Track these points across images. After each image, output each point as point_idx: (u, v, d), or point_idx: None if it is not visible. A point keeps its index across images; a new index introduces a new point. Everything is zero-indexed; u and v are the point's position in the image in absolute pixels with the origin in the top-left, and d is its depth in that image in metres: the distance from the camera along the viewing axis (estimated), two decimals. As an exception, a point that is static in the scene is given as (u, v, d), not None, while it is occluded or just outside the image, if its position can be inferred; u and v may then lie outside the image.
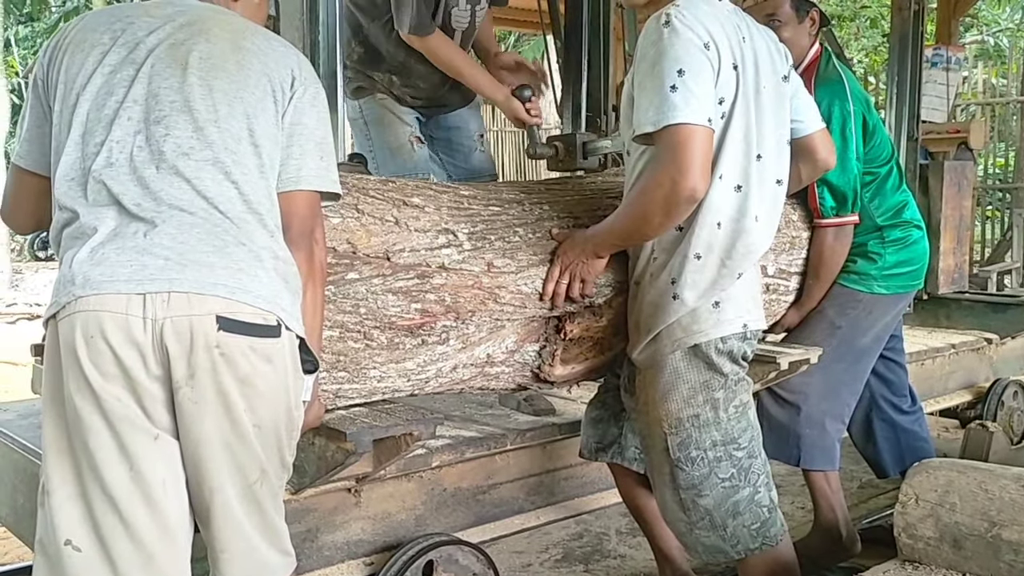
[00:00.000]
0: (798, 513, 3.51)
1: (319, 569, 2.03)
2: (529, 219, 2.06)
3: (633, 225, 1.92)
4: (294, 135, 1.58)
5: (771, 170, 2.01)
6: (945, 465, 1.59)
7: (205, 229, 1.44)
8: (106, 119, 1.47)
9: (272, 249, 1.49)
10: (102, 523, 1.40)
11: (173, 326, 1.38)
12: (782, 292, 2.66)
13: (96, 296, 1.37)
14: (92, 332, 1.37)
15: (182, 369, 1.39)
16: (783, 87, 2.08)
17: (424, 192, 1.96)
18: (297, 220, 1.57)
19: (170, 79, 1.49)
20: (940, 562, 1.50)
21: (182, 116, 1.47)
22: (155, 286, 1.38)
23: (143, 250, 1.40)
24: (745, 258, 1.96)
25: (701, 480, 1.99)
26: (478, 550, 2.16)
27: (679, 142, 1.78)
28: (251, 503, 1.48)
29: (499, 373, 2.08)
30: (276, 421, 1.48)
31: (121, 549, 1.41)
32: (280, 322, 1.46)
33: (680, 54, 1.80)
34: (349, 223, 1.77)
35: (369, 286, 1.78)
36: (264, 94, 1.54)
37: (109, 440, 1.39)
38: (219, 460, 1.43)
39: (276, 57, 1.58)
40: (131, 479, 1.40)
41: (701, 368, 1.97)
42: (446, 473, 2.24)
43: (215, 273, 1.41)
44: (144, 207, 1.43)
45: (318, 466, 1.84)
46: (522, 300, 2.00)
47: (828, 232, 2.61)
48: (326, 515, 2.04)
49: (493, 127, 13.27)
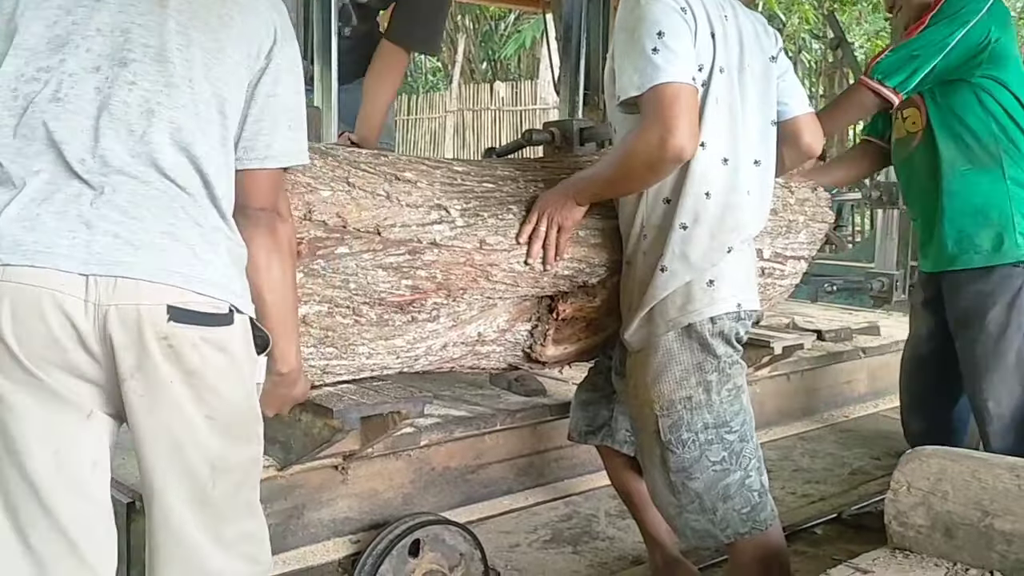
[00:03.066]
0: (788, 498, 3.52)
1: (305, 546, 2.00)
2: (524, 196, 2.02)
3: (615, 177, 1.92)
4: (267, 107, 1.45)
5: (752, 149, 2.00)
6: (938, 453, 1.57)
7: (160, 204, 1.32)
8: (57, 41, 1.31)
9: (224, 231, 1.39)
10: (21, 511, 1.31)
11: (119, 314, 1.27)
12: (777, 276, 2.64)
13: (30, 268, 1.24)
14: (23, 308, 1.24)
15: (128, 360, 1.29)
16: (771, 68, 2.06)
17: (417, 167, 1.93)
18: (260, 195, 1.46)
19: (147, 15, 1.33)
20: (931, 551, 1.48)
21: (154, 66, 1.32)
22: (102, 268, 1.26)
23: (88, 222, 1.27)
24: (734, 232, 1.94)
25: (692, 463, 1.98)
26: (465, 530, 2.14)
27: (665, 101, 1.77)
28: (202, 506, 1.38)
29: (490, 352, 2.06)
30: (233, 410, 1.39)
31: (41, 538, 1.32)
32: (232, 309, 1.37)
33: (659, 16, 1.80)
34: (339, 196, 1.74)
35: (359, 261, 1.75)
36: (240, 59, 1.40)
37: (36, 422, 1.29)
38: (163, 460, 1.35)
39: (259, 14, 1.45)
40: (55, 464, 1.31)
41: (695, 349, 1.95)
42: (435, 452, 2.21)
43: (168, 259, 1.30)
44: (89, 166, 1.29)
45: (304, 443, 1.82)
46: (514, 279, 1.97)
47: (865, 91, 2.61)
48: (312, 492, 2.01)
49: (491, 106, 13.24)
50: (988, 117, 2.61)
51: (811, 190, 2.72)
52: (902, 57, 2.59)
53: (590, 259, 2.06)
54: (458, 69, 13.95)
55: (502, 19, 15.14)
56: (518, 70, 15.36)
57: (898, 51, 2.64)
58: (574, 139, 2.66)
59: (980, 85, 2.60)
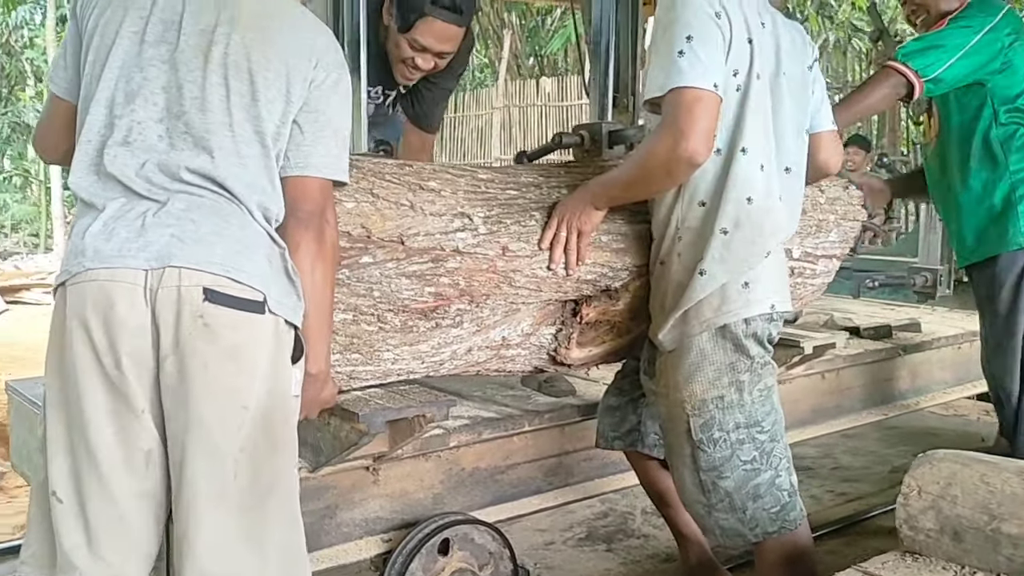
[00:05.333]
0: (826, 496, 3.51)
1: (338, 545, 2.07)
2: (547, 202, 2.06)
3: (633, 181, 1.95)
4: (310, 121, 1.61)
5: (786, 156, 2.01)
6: (949, 457, 1.57)
7: (211, 210, 1.51)
8: (131, 94, 1.53)
9: (266, 238, 1.55)
10: (83, 479, 1.48)
11: (164, 296, 1.44)
12: (808, 275, 2.63)
13: (106, 269, 1.45)
14: (99, 301, 1.44)
15: (168, 339, 1.45)
16: (807, 76, 2.08)
17: (441, 176, 1.97)
18: (307, 202, 1.61)
19: (194, 71, 1.54)
20: (940, 554, 1.49)
21: (199, 115, 1.53)
22: (157, 262, 1.45)
23: (151, 227, 1.47)
24: (773, 236, 1.96)
25: (723, 462, 1.99)
26: (494, 529, 2.18)
27: (683, 105, 1.79)
28: (223, 496, 1.49)
29: (515, 355, 2.10)
30: (261, 402, 1.50)
31: (95, 506, 1.48)
32: (266, 300, 1.50)
33: (690, 19, 1.82)
34: (364, 207, 1.79)
35: (383, 270, 1.80)
36: (275, 95, 1.58)
37: (103, 403, 1.46)
38: (191, 441, 1.47)
39: (301, 48, 1.61)
40: (116, 442, 1.47)
41: (728, 349, 1.97)
42: (464, 453, 2.26)
43: (211, 251, 1.47)
44: (154, 191, 1.50)
45: (333, 446, 1.88)
46: (537, 284, 2.01)
47: (891, 72, 2.66)
48: (344, 493, 2.08)
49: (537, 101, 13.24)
50: (995, 120, 2.72)
51: (842, 188, 2.71)
52: (926, 43, 2.68)
53: (612, 263, 2.08)
54: (504, 65, 13.96)
55: (548, 14, 15.12)
56: (565, 64, 15.33)
57: (923, 38, 2.73)
58: (603, 141, 2.67)
59: (991, 90, 2.71)
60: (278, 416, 1.55)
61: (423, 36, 2.58)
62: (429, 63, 2.66)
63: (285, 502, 1.58)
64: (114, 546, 1.50)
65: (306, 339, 1.60)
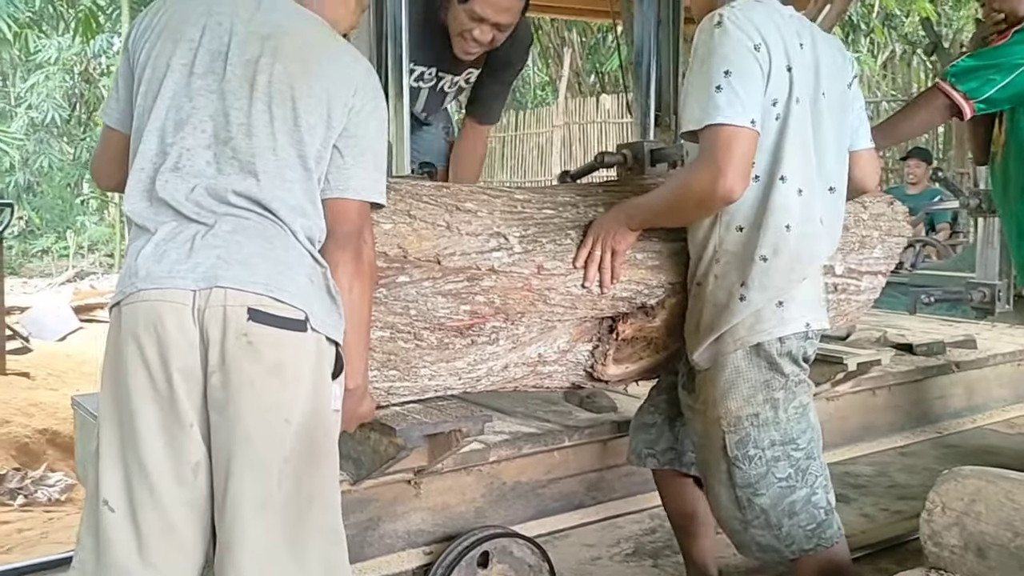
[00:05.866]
0: (880, 515, 3.46)
1: (380, 556, 2.13)
2: (583, 222, 2.10)
3: (667, 210, 2.00)
4: (349, 146, 1.68)
5: (827, 176, 2.02)
6: (975, 474, 1.57)
7: (256, 232, 1.58)
8: (180, 122, 1.61)
9: (308, 260, 1.62)
10: (135, 489, 1.55)
11: (211, 315, 1.52)
12: (852, 292, 2.63)
13: (157, 290, 1.53)
14: (151, 320, 1.52)
15: (215, 356, 1.52)
16: (847, 94, 2.09)
17: (478, 197, 2.03)
18: (346, 223, 1.68)
19: (241, 99, 1.62)
20: (965, 571, 1.48)
21: (246, 140, 1.60)
22: (205, 283, 1.53)
23: (199, 249, 1.55)
24: (811, 263, 1.98)
25: (758, 479, 2.00)
26: (533, 543, 2.22)
27: (720, 142, 1.82)
28: (266, 507, 1.55)
29: (552, 372, 2.14)
30: (304, 417, 1.57)
31: (146, 515, 1.55)
32: (308, 318, 1.56)
33: (728, 54, 1.84)
34: (400, 228, 1.86)
35: (419, 288, 1.86)
36: (317, 121, 1.65)
37: (154, 417, 1.53)
38: (236, 454, 1.53)
39: (341, 77, 1.68)
40: (165, 454, 1.54)
41: (762, 367, 1.98)
42: (505, 467, 2.30)
43: (255, 272, 1.54)
44: (203, 215, 1.58)
45: (373, 459, 1.94)
46: (572, 301, 2.05)
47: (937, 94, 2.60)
48: (387, 505, 2.13)
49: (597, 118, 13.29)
50: None
51: (887, 204, 2.71)
52: (978, 61, 2.58)
53: (648, 281, 2.12)
54: (564, 83, 14.03)
55: (609, 31, 15.16)
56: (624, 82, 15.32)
57: (976, 56, 2.62)
58: (645, 160, 2.71)
59: None
60: (320, 430, 1.61)
61: (481, 7, 2.67)
62: (487, 35, 2.75)
63: (326, 513, 1.64)
64: (164, 554, 1.57)
65: (344, 355, 1.67)
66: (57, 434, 4.83)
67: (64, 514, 3.94)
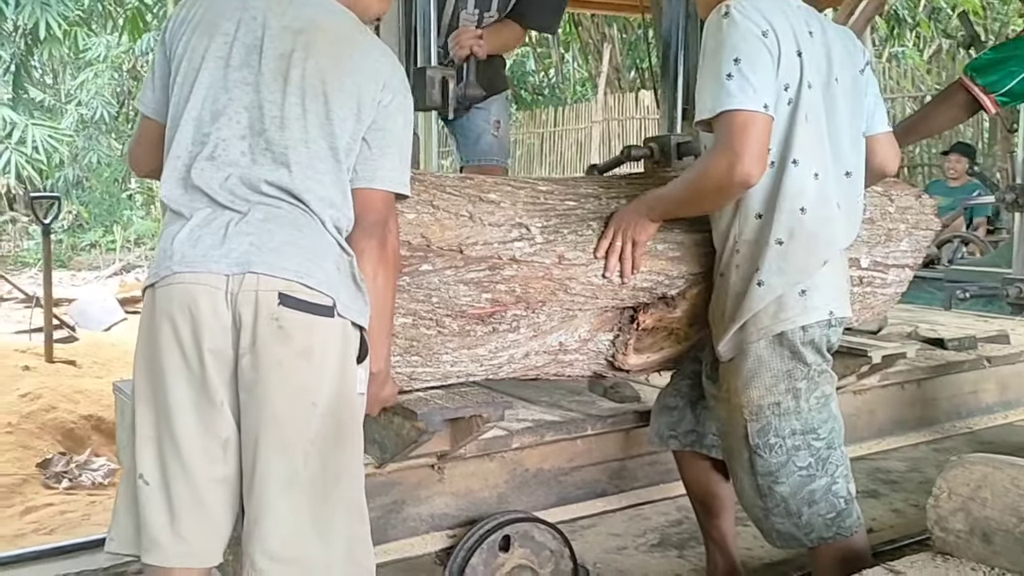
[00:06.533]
0: (910, 510, 3.44)
1: (403, 539, 2.18)
2: (604, 213, 2.13)
3: (687, 198, 2.01)
4: (377, 138, 1.74)
5: (843, 161, 2.04)
6: (981, 460, 1.58)
7: (287, 220, 1.64)
8: (216, 113, 1.67)
9: (335, 248, 1.67)
10: (168, 464, 1.62)
11: (244, 299, 1.58)
12: (878, 285, 2.63)
13: (191, 273, 1.59)
14: (186, 302, 1.58)
15: (246, 339, 1.58)
16: (859, 79, 2.10)
17: (502, 188, 2.07)
18: (372, 212, 1.74)
19: (274, 92, 1.67)
20: (970, 555, 1.49)
21: (279, 132, 1.66)
22: (238, 268, 1.58)
23: (233, 235, 1.61)
24: (829, 245, 1.99)
25: (779, 467, 2.03)
26: (554, 528, 2.25)
27: (735, 128, 1.84)
28: (292, 485, 1.61)
29: (573, 360, 2.18)
30: (330, 399, 1.62)
31: (178, 489, 1.62)
32: (335, 304, 1.62)
33: (737, 42, 1.86)
34: (424, 218, 1.91)
35: (442, 277, 1.91)
36: (348, 114, 1.70)
37: (186, 395, 1.60)
38: (264, 434, 1.59)
39: (370, 72, 1.73)
40: (197, 432, 1.61)
41: (785, 357, 2.00)
42: (528, 454, 2.34)
43: (286, 259, 1.60)
44: (237, 203, 1.64)
45: (396, 443, 1.99)
46: (593, 291, 2.08)
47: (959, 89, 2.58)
48: (411, 489, 2.19)
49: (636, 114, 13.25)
50: None
51: (914, 198, 2.70)
52: (997, 55, 2.57)
53: (668, 271, 2.14)
54: (603, 79, 14.02)
55: (649, 27, 15.11)
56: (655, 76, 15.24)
57: (997, 49, 2.61)
58: (672, 153, 2.75)
59: None
60: (345, 412, 1.67)
61: None
62: None
63: (351, 493, 1.70)
64: (194, 527, 1.64)
65: (369, 341, 1.72)
66: (101, 420, 4.97)
67: (106, 497, 4.05)
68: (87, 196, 16.40)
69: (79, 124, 15.90)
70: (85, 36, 15.10)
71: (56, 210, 7.02)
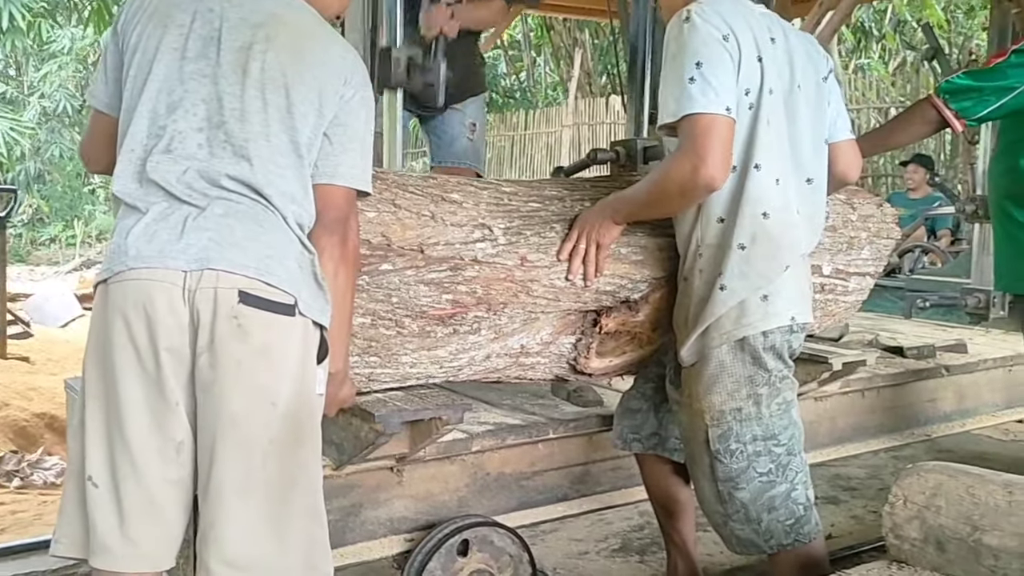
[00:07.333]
0: (868, 516, 3.47)
1: (361, 542, 2.15)
2: (568, 215, 2.12)
3: (651, 201, 2.00)
4: (338, 133, 1.71)
5: (805, 167, 2.05)
6: (937, 468, 1.59)
7: (247, 216, 1.60)
8: (172, 105, 1.62)
9: (297, 244, 1.63)
10: (118, 465, 1.57)
11: (202, 296, 1.54)
12: (840, 292, 2.65)
13: (146, 269, 1.55)
14: (141, 299, 1.54)
15: (204, 337, 1.54)
16: (822, 87, 2.11)
17: (465, 188, 2.05)
18: (333, 209, 1.70)
19: (233, 85, 1.63)
20: (925, 564, 1.50)
21: (238, 125, 1.62)
22: (196, 264, 1.54)
23: (191, 231, 1.57)
24: (791, 250, 2.00)
25: (739, 473, 2.02)
26: (513, 533, 2.23)
27: (698, 131, 1.84)
28: (249, 487, 1.57)
29: (535, 363, 2.16)
30: (289, 399, 1.59)
31: (129, 490, 1.57)
32: (296, 303, 1.59)
33: (698, 46, 1.86)
34: (385, 217, 1.88)
35: (402, 277, 1.88)
36: (309, 109, 1.67)
37: (139, 394, 1.55)
38: (221, 434, 1.55)
39: (332, 68, 1.70)
40: (150, 432, 1.56)
41: (747, 362, 2.00)
42: (489, 458, 2.32)
43: (246, 256, 1.56)
44: (194, 197, 1.59)
45: (354, 444, 1.96)
46: (555, 294, 2.07)
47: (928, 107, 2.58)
48: (369, 492, 2.15)
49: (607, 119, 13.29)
50: None
51: (876, 207, 2.72)
52: (975, 81, 2.55)
53: (631, 275, 2.13)
54: (574, 83, 14.04)
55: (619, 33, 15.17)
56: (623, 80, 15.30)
57: (973, 75, 2.60)
58: (638, 157, 2.74)
59: None
60: (304, 412, 1.64)
61: None
62: None
63: (308, 495, 1.66)
64: (145, 530, 1.60)
65: (328, 340, 1.69)
66: (55, 418, 4.87)
67: (58, 497, 3.97)
68: (48, 190, 16.17)
69: (42, 117, 15.67)
70: (49, 28, 14.86)
71: (13, 203, 6.88)
